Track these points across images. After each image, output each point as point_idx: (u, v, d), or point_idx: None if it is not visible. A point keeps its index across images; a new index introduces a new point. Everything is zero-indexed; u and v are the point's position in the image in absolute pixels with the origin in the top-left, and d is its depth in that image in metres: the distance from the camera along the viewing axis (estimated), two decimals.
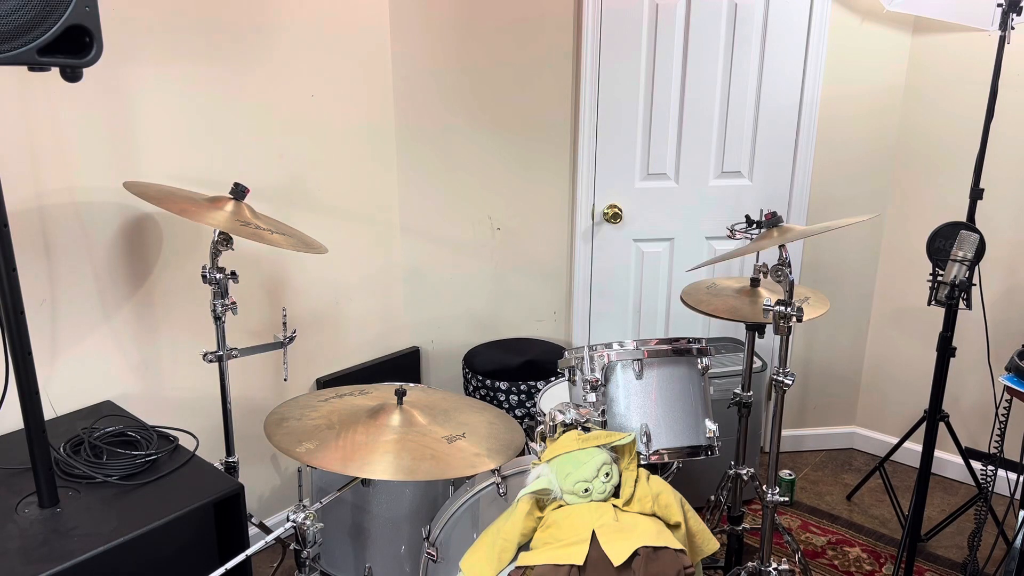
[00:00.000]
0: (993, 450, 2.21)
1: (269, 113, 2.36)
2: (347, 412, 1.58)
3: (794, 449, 3.23)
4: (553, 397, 2.14)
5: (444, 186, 2.72)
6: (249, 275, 2.38)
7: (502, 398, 2.61)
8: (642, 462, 1.58)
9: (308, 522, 1.50)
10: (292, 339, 2.11)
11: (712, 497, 2.41)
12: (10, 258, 1.42)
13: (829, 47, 2.72)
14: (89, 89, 1.92)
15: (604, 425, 1.60)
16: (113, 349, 2.09)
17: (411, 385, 1.73)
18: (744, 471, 2.31)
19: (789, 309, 1.75)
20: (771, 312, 1.77)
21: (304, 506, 1.51)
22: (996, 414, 2.31)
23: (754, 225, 1.92)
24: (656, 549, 1.30)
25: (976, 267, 1.99)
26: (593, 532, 1.31)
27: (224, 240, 1.91)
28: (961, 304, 1.91)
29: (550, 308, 2.93)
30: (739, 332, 2.96)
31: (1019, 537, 1.86)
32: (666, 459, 1.65)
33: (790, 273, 1.76)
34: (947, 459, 2.97)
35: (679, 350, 1.69)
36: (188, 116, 2.15)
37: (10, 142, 1.81)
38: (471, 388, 2.71)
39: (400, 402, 1.58)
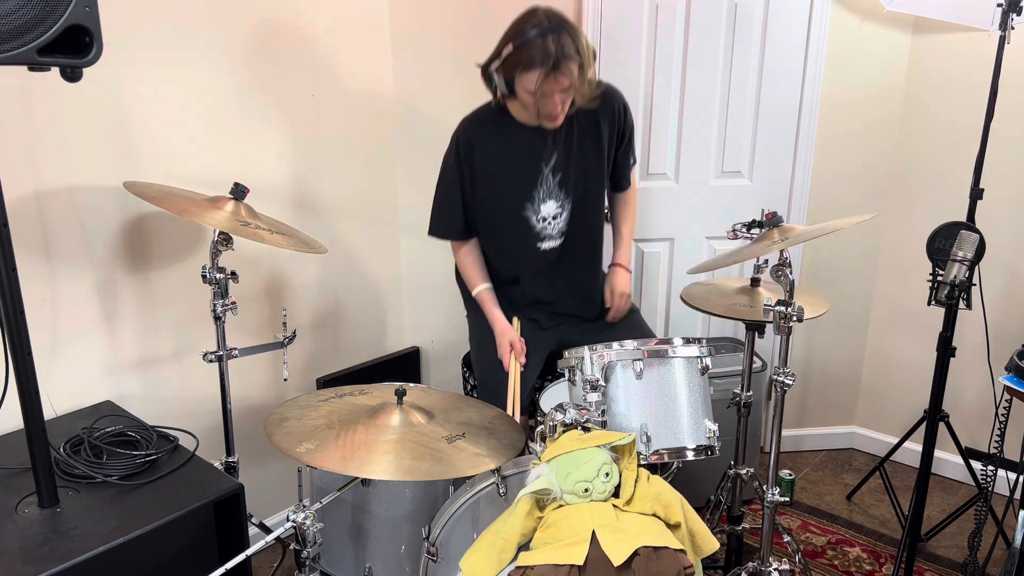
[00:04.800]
0: (993, 450, 2.20)
1: (269, 113, 2.36)
2: (347, 412, 1.58)
3: (794, 449, 3.23)
4: (553, 397, 2.14)
5: None
6: (249, 275, 2.38)
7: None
8: (642, 462, 1.58)
9: (308, 522, 1.50)
10: (292, 339, 2.11)
11: (712, 497, 2.41)
12: (10, 258, 1.42)
13: (829, 47, 2.72)
14: (89, 89, 1.92)
15: (604, 425, 1.60)
16: (113, 349, 2.09)
17: (411, 385, 1.73)
18: (744, 471, 2.31)
19: (790, 309, 1.75)
20: (772, 312, 1.77)
21: (304, 506, 1.51)
22: (996, 414, 2.31)
23: (755, 226, 1.92)
24: (656, 549, 1.30)
25: (976, 267, 1.99)
26: (593, 532, 1.31)
27: (224, 240, 1.91)
28: (961, 304, 1.92)
29: None
30: (739, 332, 2.96)
31: (1019, 537, 1.86)
32: (666, 459, 1.65)
33: (790, 273, 1.76)
34: (947, 459, 2.97)
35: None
36: (188, 116, 2.15)
37: (10, 142, 1.81)
38: (471, 388, 2.71)
39: (400, 402, 1.58)
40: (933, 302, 1.98)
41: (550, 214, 2.07)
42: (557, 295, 2.21)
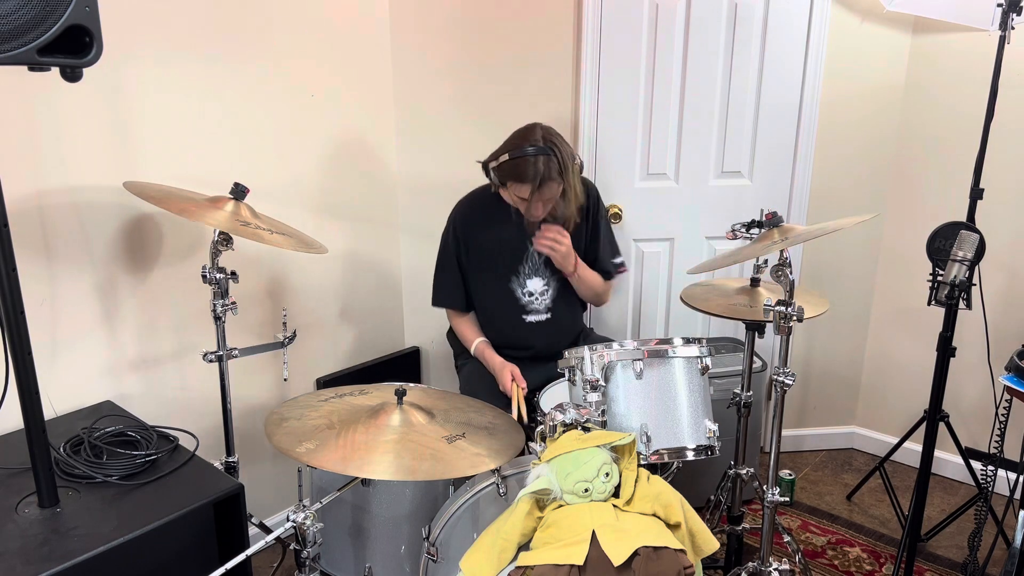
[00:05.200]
0: (993, 450, 2.20)
1: (269, 113, 2.36)
2: (347, 412, 1.58)
3: (794, 449, 3.23)
4: (553, 397, 2.14)
5: (444, 185, 2.72)
6: (249, 275, 2.37)
7: None
8: (642, 462, 1.58)
9: (308, 522, 1.50)
10: (292, 339, 2.11)
11: (712, 497, 2.41)
12: (10, 258, 1.42)
13: (829, 47, 2.72)
14: (89, 89, 1.92)
15: (604, 425, 1.60)
16: (113, 349, 2.09)
17: (411, 385, 1.73)
18: (744, 471, 2.31)
19: (790, 309, 1.75)
20: (772, 312, 1.77)
21: (304, 506, 1.51)
22: (996, 414, 2.30)
23: (755, 226, 1.92)
24: (656, 549, 1.30)
25: (976, 267, 1.99)
26: (593, 532, 1.31)
27: (224, 240, 1.91)
28: (961, 304, 1.92)
29: None
30: (739, 332, 2.96)
31: (1019, 537, 1.86)
32: (666, 459, 1.65)
33: (790, 273, 1.76)
34: (947, 459, 2.97)
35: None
36: (188, 116, 2.15)
37: (10, 142, 1.81)
38: None
39: (400, 402, 1.58)
40: (933, 302, 1.98)
41: (536, 290, 2.31)
42: (545, 355, 2.35)
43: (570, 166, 2.10)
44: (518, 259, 2.30)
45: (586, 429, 1.49)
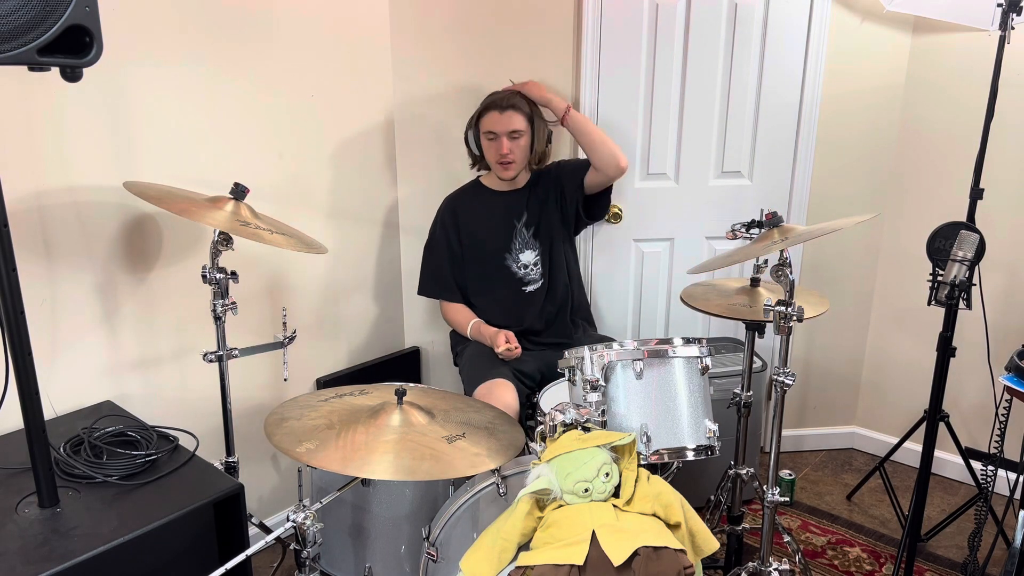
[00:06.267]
0: (993, 450, 2.21)
1: (269, 113, 2.36)
2: (347, 412, 1.58)
3: (794, 449, 3.23)
4: (553, 397, 2.14)
5: (444, 185, 2.72)
6: (249, 275, 2.38)
7: None
8: (642, 462, 1.58)
9: (308, 522, 1.50)
10: (292, 339, 2.11)
11: (712, 497, 2.41)
12: (10, 258, 1.42)
13: (829, 47, 2.72)
14: (89, 89, 1.92)
15: (604, 425, 1.60)
16: (113, 349, 2.09)
17: (411, 385, 1.73)
18: (744, 471, 2.31)
19: (790, 309, 1.75)
20: (772, 312, 1.77)
21: (304, 506, 1.51)
22: (996, 414, 2.31)
23: (755, 226, 1.92)
24: (656, 549, 1.30)
25: (976, 267, 1.99)
26: (593, 532, 1.31)
27: (224, 240, 1.91)
28: (961, 304, 1.92)
29: None
30: (739, 332, 2.96)
31: (1019, 537, 1.86)
32: (666, 459, 1.65)
33: (790, 273, 1.76)
34: (947, 459, 2.97)
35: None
36: (188, 116, 2.15)
37: (10, 142, 1.81)
38: None
39: (400, 402, 1.58)
40: (933, 302, 1.98)
41: (530, 262, 2.48)
42: (543, 327, 2.52)
43: (535, 110, 2.40)
44: (509, 236, 2.48)
45: (586, 429, 1.49)
